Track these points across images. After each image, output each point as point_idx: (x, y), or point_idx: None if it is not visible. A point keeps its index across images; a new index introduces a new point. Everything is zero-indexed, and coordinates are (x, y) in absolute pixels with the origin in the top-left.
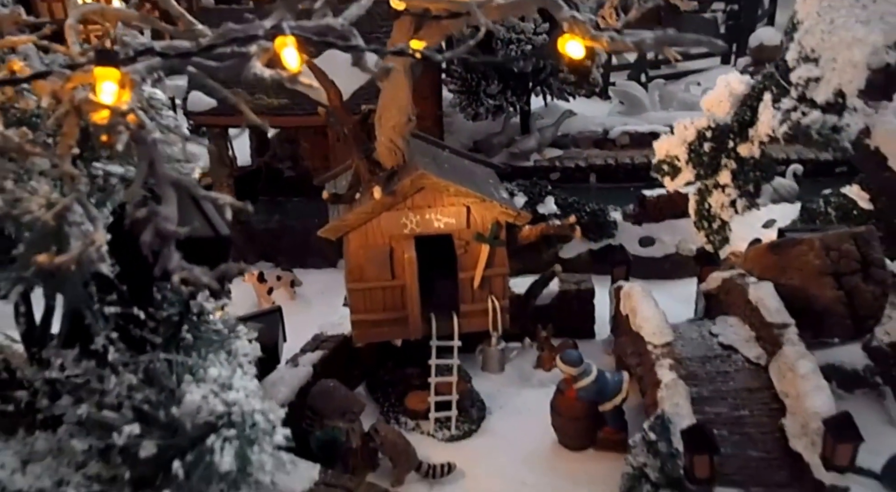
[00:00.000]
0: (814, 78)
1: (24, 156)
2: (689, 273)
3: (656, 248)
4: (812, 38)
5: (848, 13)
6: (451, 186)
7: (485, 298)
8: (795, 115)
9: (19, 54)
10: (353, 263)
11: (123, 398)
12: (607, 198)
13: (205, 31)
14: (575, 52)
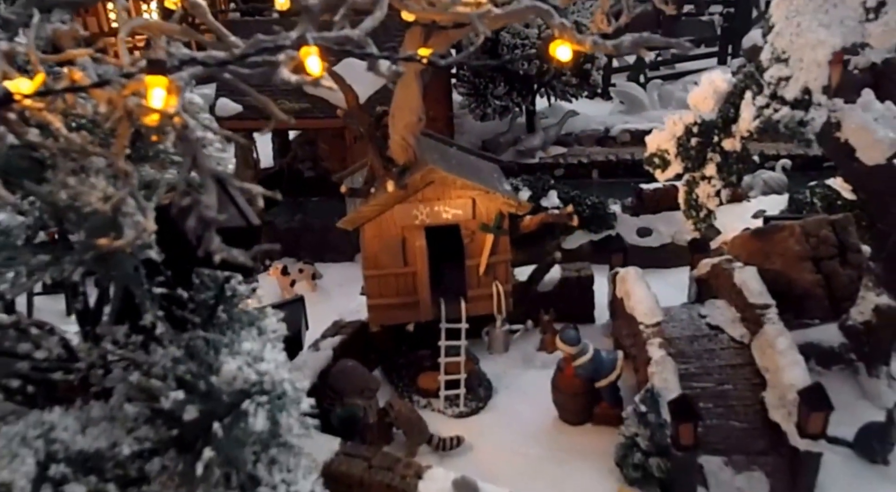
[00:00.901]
0: (784, 77)
1: (84, 156)
2: (684, 262)
3: (653, 238)
4: (782, 40)
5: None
6: (458, 179)
7: (490, 284)
8: (768, 112)
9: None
10: (369, 251)
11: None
12: (609, 192)
13: (237, 42)
14: (563, 55)
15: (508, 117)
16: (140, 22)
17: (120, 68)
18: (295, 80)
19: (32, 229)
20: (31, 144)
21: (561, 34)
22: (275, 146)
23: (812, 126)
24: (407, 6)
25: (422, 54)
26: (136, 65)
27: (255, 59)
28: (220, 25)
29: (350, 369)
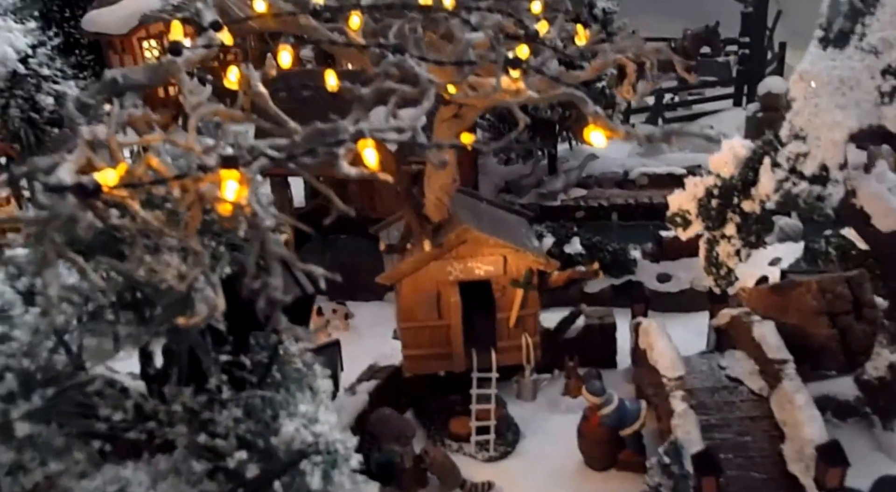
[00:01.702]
0: (802, 153)
1: (160, 235)
2: (702, 307)
3: (672, 283)
4: (800, 119)
5: (829, 99)
6: (490, 238)
7: (519, 336)
8: (787, 185)
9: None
10: (405, 305)
11: (231, 429)
12: (628, 235)
13: (296, 127)
14: (598, 140)
15: (531, 160)
16: (209, 109)
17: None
18: (355, 173)
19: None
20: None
21: (595, 121)
22: (307, 187)
23: (829, 201)
24: (451, 94)
25: (466, 141)
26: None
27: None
28: (279, 111)
29: (388, 417)
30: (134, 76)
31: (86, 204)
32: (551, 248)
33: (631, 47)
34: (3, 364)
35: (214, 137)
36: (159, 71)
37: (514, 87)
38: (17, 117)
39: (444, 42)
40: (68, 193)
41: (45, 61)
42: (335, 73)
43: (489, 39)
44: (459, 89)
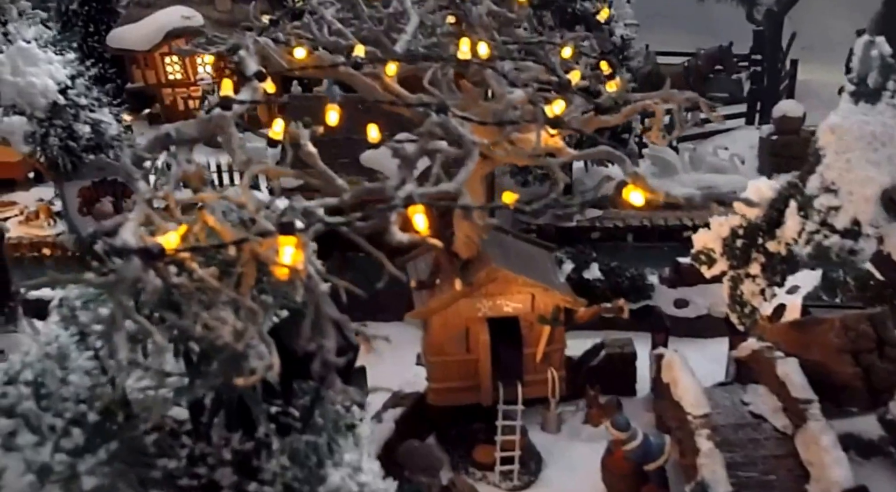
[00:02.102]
0: (834, 207)
1: (216, 293)
2: (720, 332)
3: (690, 309)
4: (832, 173)
5: (861, 155)
6: (519, 278)
7: (545, 370)
8: (818, 237)
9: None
10: (434, 340)
11: (277, 475)
12: (643, 256)
13: (344, 185)
14: (637, 200)
15: (548, 182)
16: (260, 167)
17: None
18: (407, 240)
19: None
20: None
21: (634, 181)
22: (327, 208)
23: (862, 255)
24: (493, 154)
25: (508, 201)
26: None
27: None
28: (325, 167)
29: (417, 449)
30: (186, 130)
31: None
32: (570, 273)
33: (660, 95)
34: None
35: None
36: (210, 125)
37: (553, 145)
38: (55, 146)
39: (476, 88)
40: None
41: (82, 91)
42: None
43: (528, 97)
44: (501, 148)
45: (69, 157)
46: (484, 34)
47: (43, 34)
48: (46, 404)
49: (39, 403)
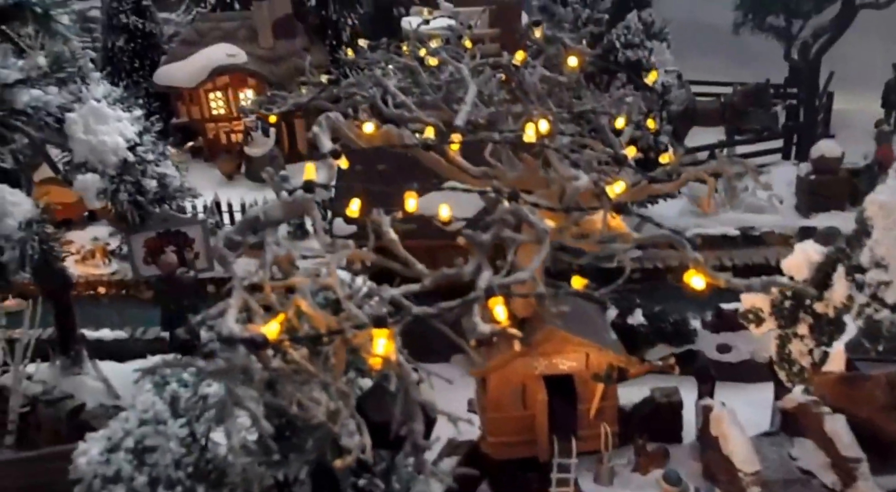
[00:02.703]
0: (884, 282)
1: (310, 376)
2: (763, 378)
3: (732, 354)
4: (881, 248)
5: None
6: (575, 338)
7: (598, 425)
8: (869, 311)
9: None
10: (492, 396)
11: None
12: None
13: (423, 270)
14: (698, 285)
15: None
16: (346, 252)
17: (349, 296)
18: (489, 330)
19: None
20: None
21: (696, 267)
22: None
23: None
24: (562, 238)
25: (577, 286)
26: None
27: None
28: (408, 255)
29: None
30: (273, 213)
31: (255, 355)
32: (615, 319)
33: (713, 166)
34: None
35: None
36: (295, 206)
37: (617, 227)
38: (125, 201)
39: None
40: (241, 346)
41: (149, 147)
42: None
43: (592, 183)
44: (568, 232)
45: (137, 210)
46: (537, 101)
47: (112, 92)
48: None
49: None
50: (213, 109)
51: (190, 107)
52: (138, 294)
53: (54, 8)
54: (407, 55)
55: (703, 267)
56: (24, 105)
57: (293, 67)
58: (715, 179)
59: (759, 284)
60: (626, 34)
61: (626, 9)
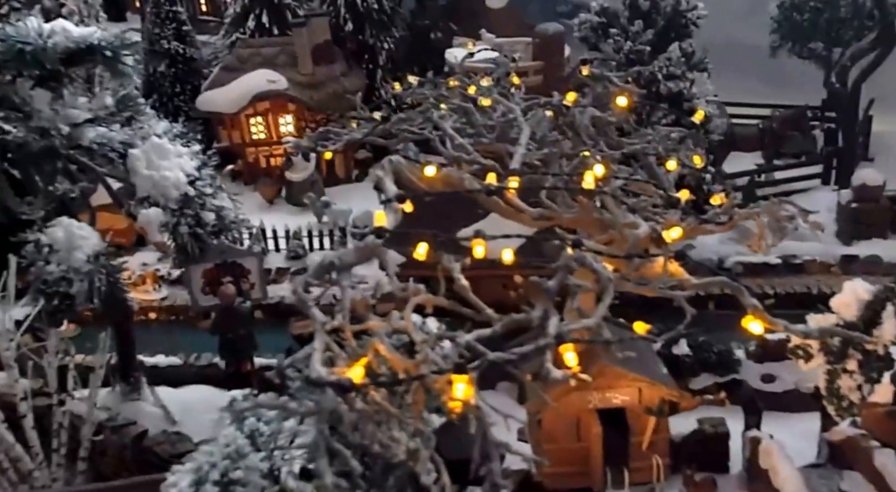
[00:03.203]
0: None
1: (390, 416)
2: (807, 408)
3: (777, 384)
4: None
5: None
6: (628, 373)
7: (650, 456)
8: None
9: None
10: (547, 428)
11: None
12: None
13: (492, 314)
14: (756, 329)
15: None
16: (420, 298)
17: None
18: (561, 376)
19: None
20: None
21: (754, 313)
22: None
23: None
24: (622, 285)
25: (640, 331)
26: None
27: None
28: (477, 300)
29: None
30: (346, 259)
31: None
32: (660, 348)
33: (763, 209)
34: None
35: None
36: (366, 252)
37: (676, 273)
38: (185, 233)
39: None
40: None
41: (207, 181)
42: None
43: (651, 230)
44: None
45: (196, 242)
46: (589, 141)
47: (172, 128)
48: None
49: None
50: (253, 134)
51: (231, 131)
52: (196, 323)
53: (122, 50)
54: (454, 89)
55: (762, 313)
56: (89, 142)
57: (332, 93)
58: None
59: (816, 332)
60: (667, 66)
61: (666, 39)
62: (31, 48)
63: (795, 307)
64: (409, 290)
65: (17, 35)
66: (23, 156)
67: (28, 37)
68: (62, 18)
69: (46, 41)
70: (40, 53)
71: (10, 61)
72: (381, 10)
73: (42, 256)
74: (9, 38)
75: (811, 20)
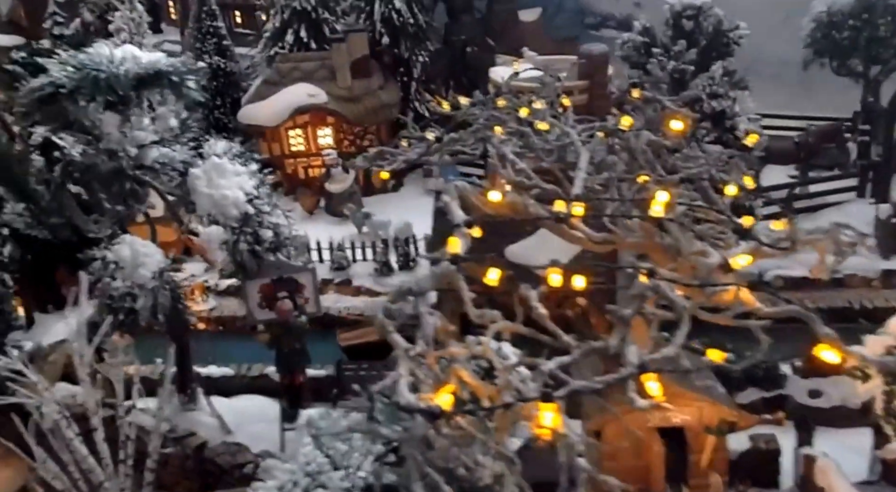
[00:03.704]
0: None
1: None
2: (855, 423)
3: (823, 399)
4: None
5: None
6: (689, 393)
7: (708, 474)
8: None
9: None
10: (609, 446)
11: None
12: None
13: (570, 341)
14: (831, 359)
15: None
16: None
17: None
18: (646, 405)
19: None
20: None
21: (828, 342)
22: None
23: None
24: (698, 313)
25: (716, 359)
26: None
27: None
28: (556, 328)
29: None
30: (423, 284)
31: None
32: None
33: (826, 235)
34: None
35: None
36: (442, 278)
37: (748, 302)
38: (244, 251)
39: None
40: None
41: (265, 200)
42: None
43: (724, 259)
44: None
45: (255, 260)
46: (646, 165)
47: (231, 148)
48: None
49: None
50: (292, 146)
51: (270, 143)
52: (253, 336)
53: (187, 75)
54: (503, 109)
55: (838, 342)
56: (152, 161)
57: (370, 106)
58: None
59: (893, 362)
60: (710, 85)
61: (708, 58)
62: (105, 75)
63: (838, 322)
64: (486, 317)
65: (92, 63)
66: (92, 177)
67: (101, 64)
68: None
69: (119, 68)
70: (113, 80)
71: (86, 88)
72: (416, 25)
73: (108, 273)
74: (85, 66)
75: (850, 38)
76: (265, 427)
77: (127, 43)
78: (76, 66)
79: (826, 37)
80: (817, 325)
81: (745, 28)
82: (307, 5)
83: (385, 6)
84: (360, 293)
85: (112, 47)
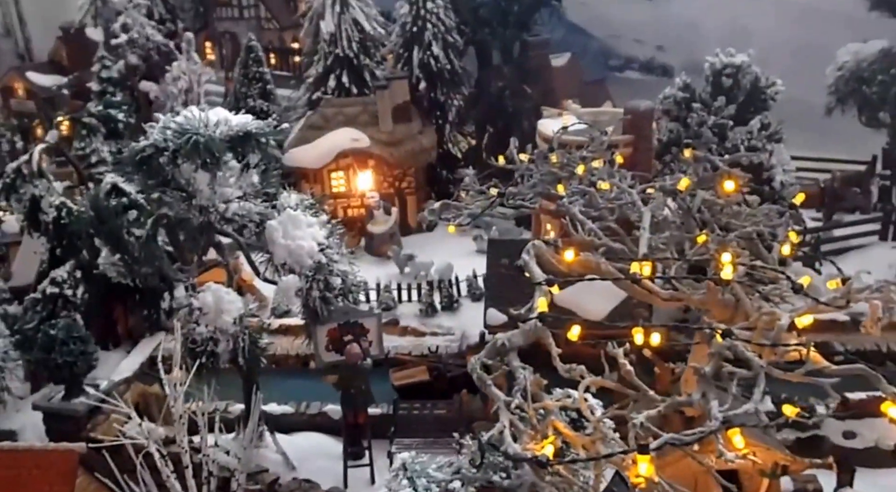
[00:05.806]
0: None
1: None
2: (889, 464)
3: (857, 440)
4: None
5: None
6: (748, 439)
7: None
8: None
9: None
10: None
11: None
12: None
13: (656, 397)
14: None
15: None
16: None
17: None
18: (734, 458)
19: None
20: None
21: (894, 400)
22: None
23: None
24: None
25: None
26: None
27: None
28: (642, 384)
29: None
30: (514, 340)
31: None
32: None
33: (881, 296)
34: None
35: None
36: (531, 334)
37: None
38: (316, 297)
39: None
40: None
41: (335, 249)
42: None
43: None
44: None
45: (325, 305)
46: (700, 224)
47: (303, 200)
48: None
49: None
50: (333, 187)
51: (313, 184)
52: (322, 379)
53: (272, 135)
54: (555, 164)
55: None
56: (232, 214)
57: (410, 149)
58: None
59: None
60: (749, 138)
61: (746, 112)
62: (203, 139)
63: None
64: (575, 371)
65: (190, 127)
66: (182, 230)
67: (198, 128)
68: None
69: (213, 130)
70: (210, 142)
71: (185, 150)
72: (451, 70)
73: (193, 319)
74: (186, 130)
75: (879, 93)
76: (326, 464)
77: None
78: (178, 130)
79: (855, 90)
80: (882, 384)
81: (781, 85)
82: (349, 52)
83: (423, 52)
84: (407, 333)
85: (204, 111)
